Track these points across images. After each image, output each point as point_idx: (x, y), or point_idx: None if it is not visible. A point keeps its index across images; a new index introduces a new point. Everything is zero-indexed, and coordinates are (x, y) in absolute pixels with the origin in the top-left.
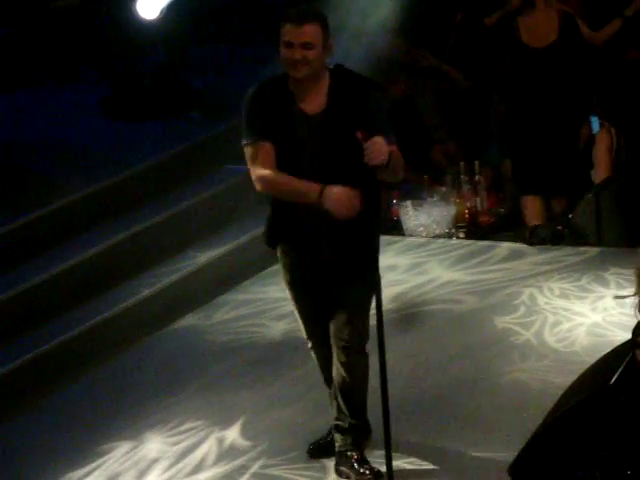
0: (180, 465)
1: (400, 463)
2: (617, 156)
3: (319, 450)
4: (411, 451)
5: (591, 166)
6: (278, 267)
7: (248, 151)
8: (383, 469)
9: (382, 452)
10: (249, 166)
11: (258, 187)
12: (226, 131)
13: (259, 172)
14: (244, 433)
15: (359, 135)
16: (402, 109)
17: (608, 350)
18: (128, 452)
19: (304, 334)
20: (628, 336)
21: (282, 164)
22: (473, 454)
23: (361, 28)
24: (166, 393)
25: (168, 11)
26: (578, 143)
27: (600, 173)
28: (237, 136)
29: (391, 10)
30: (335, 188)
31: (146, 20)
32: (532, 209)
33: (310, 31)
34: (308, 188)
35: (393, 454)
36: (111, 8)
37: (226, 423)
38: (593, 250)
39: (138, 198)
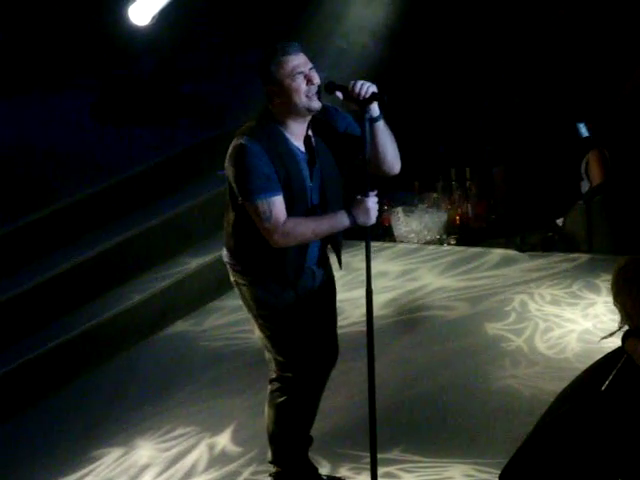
0: (171, 471)
1: (389, 470)
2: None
3: None
4: (399, 457)
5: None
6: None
7: (259, 208)
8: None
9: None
10: (261, 223)
11: (281, 241)
12: (217, 137)
13: (281, 227)
14: (235, 439)
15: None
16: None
17: (599, 357)
18: (119, 458)
19: (300, 368)
20: (619, 343)
21: (289, 209)
22: (464, 460)
23: (351, 35)
24: (157, 399)
25: (159, 18)
26: None
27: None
28: (228, 142)
29: (381, 17)
30: (361, 204)
31: (137, 26)
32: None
33: (305, 57)
34: (336, 219)
35: (381, 460)
36: (102, 14)
37: (217, 429)
38: (584, 257)
39: (130, 204)
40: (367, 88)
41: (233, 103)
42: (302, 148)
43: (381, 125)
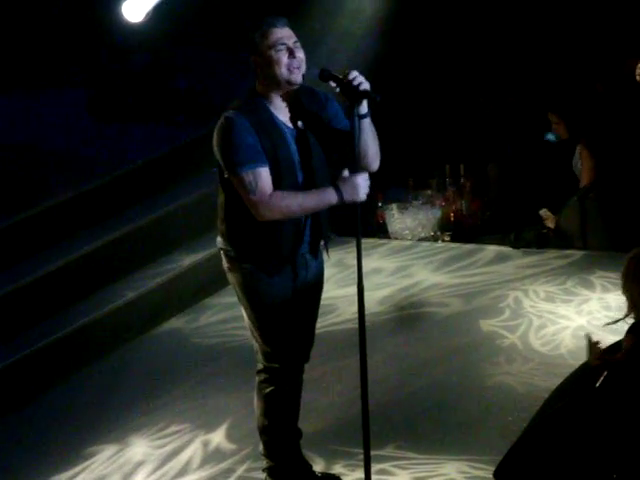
0: (165, 468)
1: (384, 466)
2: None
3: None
4: (394, 454)
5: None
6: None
7: (244, 179)
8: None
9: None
10: (246, 195)
11: (267, 214)
12: (212, 133)
13: (267, 199)
14: (229, 436)
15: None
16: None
17: None
18: (113, 455)
19: (286, 359)
20: (613, 339)
21: (277, 183)
22: (458, 457)
23: (347, 30)
24: (151, 396)
25: (154, 14)
26: None
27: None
28: None
29: (377, 12)
30: (349, 181)
31: (132, 23)
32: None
33: (292, 32)
34: (324, 194)
35: (375, 456)
36: (97, 11)
37: (211, 426)
38: (578, 253)
39: (124, 201)
40: (362, 82)
41: (228, 99)
42: (289, 124)
43: (367, 122)
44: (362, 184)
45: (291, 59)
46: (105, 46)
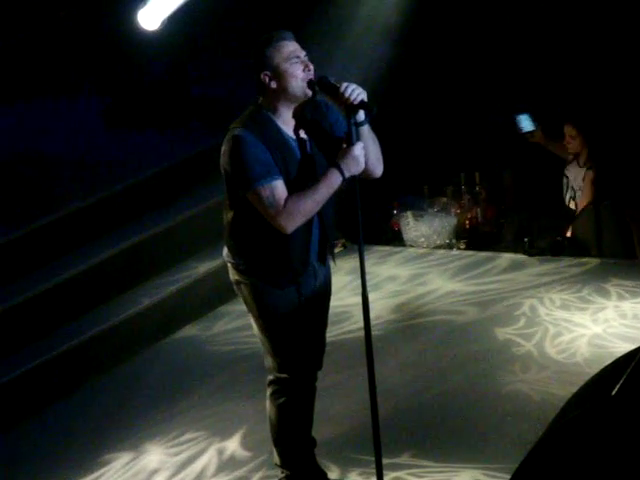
0: (180, 476)
1: (399, 474)
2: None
3: None
4: (409, 462)
5: None
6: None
7: (261, 194)
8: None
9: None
10: (265, 210)
11: (289, 224)
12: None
13: (284, 209)
14: (244, 444)
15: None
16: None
17: (609, 361)
18: (128, 463)
19: (297, 369)
20: (629, 347)
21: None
22: (473, 465)
23: (361, 37)
24: (166, 404)
25: (169, 22)
26: None
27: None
28: None
29: (391, 19)
30: (347, 154)
31: (148, 31)
32: None
33: (299, 45)
34: (329, 179)
35: (390, 464)
36: (112, 19)
37: (226, 434)
38: (594, 261)
39: (139, 209)
40: (357, 95)
41: (245, 106)
42: (293, 136)
43: (365, 130)
44: (360, 154)
45: (306, 72)
46: (121, 54)
